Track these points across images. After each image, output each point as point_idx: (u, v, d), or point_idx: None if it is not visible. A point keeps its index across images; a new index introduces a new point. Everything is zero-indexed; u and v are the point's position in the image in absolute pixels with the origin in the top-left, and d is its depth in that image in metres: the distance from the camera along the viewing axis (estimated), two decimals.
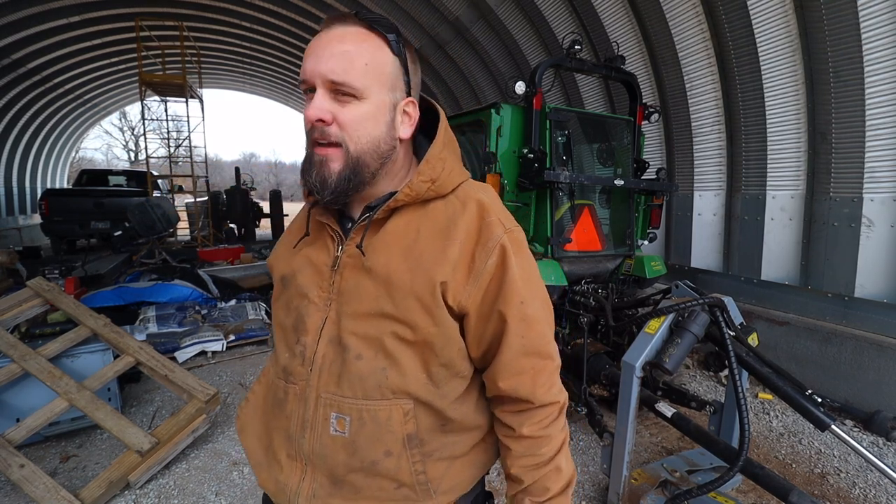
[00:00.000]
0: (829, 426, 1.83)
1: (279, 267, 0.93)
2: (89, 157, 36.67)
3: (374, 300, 0.77)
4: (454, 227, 0.78)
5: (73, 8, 10.18)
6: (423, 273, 0.76)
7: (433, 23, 8.22)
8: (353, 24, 0.73)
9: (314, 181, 0.75)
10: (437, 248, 0.77)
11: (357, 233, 0.80)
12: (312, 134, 0.74)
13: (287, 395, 0.85)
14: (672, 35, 4.80)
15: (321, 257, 0.85)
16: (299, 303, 0.85)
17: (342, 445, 0.79)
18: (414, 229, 0.79)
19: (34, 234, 13.08)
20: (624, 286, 3.58)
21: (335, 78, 0.71)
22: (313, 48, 0.73)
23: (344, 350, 0.79)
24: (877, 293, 3.59)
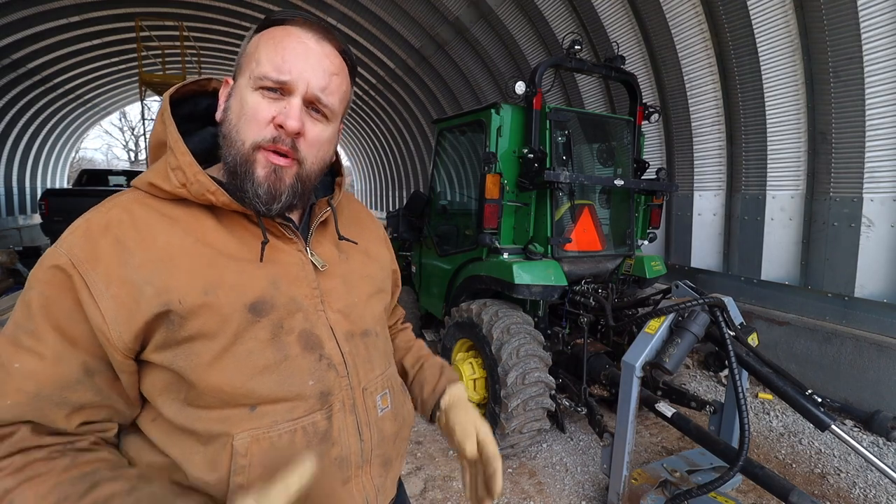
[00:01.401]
0: (829, 426, 1.83)
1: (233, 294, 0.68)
2: (89, 157, 36.71)
3: (366, 280, 0.88)
4: (359, 212, 0.98)
5: (72, 8, 10.18)
6: (377, 244, 0.97)
7: (433, 23, 8.23)
8: (334, 47, 0.74)
9: (257, 190, 0.69)
10: (367, 225, 0.98)
11: (321, 229, 0.84)
12: (269, 139, 0.69)
13: (331, 419, 0.74)
14: (672, 35, 4.80)
15: (290, 263, 0.75)
16: (294, 321, 0.72)
17: (390, 418, 0.85)
18: (348, 215, 0.93)
19: (34, 234, 13.08)
20: (624, 286, 3.58)
21: (322, 97, 0.71)
22: (299, 50, 0.69)
23: (365, 336, 0.83)
24: (877, 293, 3.60)
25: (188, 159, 0.68)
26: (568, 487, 2.70)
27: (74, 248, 0.63)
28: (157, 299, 0.63)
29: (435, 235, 4.04)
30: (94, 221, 0.65)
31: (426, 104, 10.70)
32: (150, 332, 0.64)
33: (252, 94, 0.69)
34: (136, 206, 0.68)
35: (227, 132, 0.71)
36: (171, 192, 0.69)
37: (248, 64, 0.71)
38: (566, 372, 3.11)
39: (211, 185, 0.68)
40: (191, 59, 13.21)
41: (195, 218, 0.70)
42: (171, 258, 0.65)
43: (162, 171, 0.69)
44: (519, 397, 2.65)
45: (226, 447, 0.66)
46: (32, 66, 11.57)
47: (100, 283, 0.61)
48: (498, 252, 3.21)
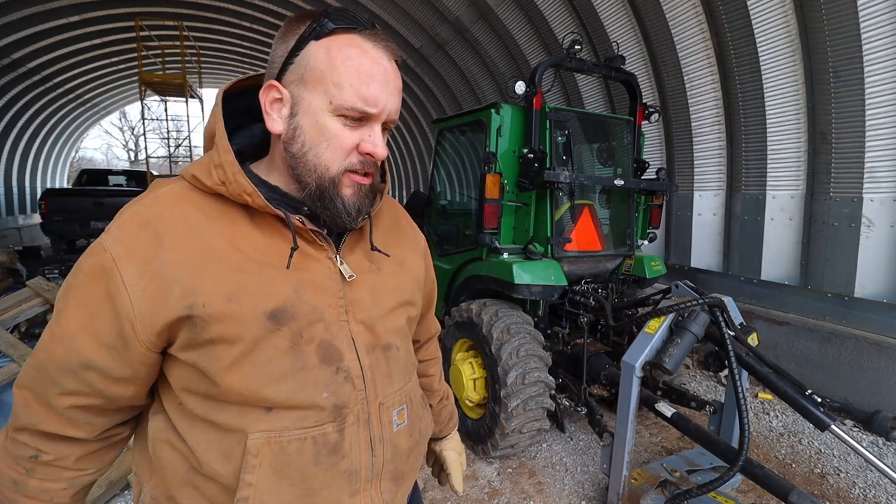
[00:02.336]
0: (829, 426, 1.83)
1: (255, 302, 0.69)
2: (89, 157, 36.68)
3: (394, 292, 0.85)
4: (399, 218, 0.96)
5: (72, 8, 10.18)
6: (412, 252, 0.94)
7: (433, 23, 8.22)
8: (395, 58, 0.73)
9: (348, 209, 0.73)
10: (405, 233, 0.95)
11: (355, 237, 0.82)
12: (356, 163, 0.72)
13: (343, 431, 0.74)
14: (672, 35, 4.80)
15: (317, 271, 0.75)
16: (314, 331, 0.72)
17: (406, 434, 0.84)
18: (387, 221, 0.91)
19: (34, 234, 13.08)
20: (624, 286, 3.58)
21: (395, 118, 0.74)
22: (379, 79, 0.69)
23: (387, 349, 0.82)
24: (877, 293, 3.59)
25: (230, 158, 0.70)
26: (568, 487, 2.70)
27: (116, 240, 0.66)
28: (182, 301, 0.65)
29: (435, 235, 4.04)
30: (138, 214, 0.68)
31: (426, 104, 10.70)
32: (175, 331, 0.67)
33: (332, 119, 0.69)
34: (178, 202, 0.70)
35: (302, 154, 0.71)
36: (211, 187, 0.71)
37: (322, 83, 0.68)
38: (566, 372, 3.10)
39: (248, 186, 0.69)
40: (191, 59, 13.21)
41: (230, 217, 0.71)
42: (202, 261, 0.67)
43: (206, 166, 0.72)
44: (519, 397, 2.65)
45: (240, 444, 0.68)
46: (32, 65, 11.57)
47: (133, 276, 0.65)
48: (498, 252, 3.21)
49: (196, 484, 0.70)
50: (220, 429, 0.69)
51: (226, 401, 0.69)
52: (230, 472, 0.68)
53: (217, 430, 0.69)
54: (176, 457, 0.71)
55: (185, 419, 0.71)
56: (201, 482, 0.70)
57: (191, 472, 0.71)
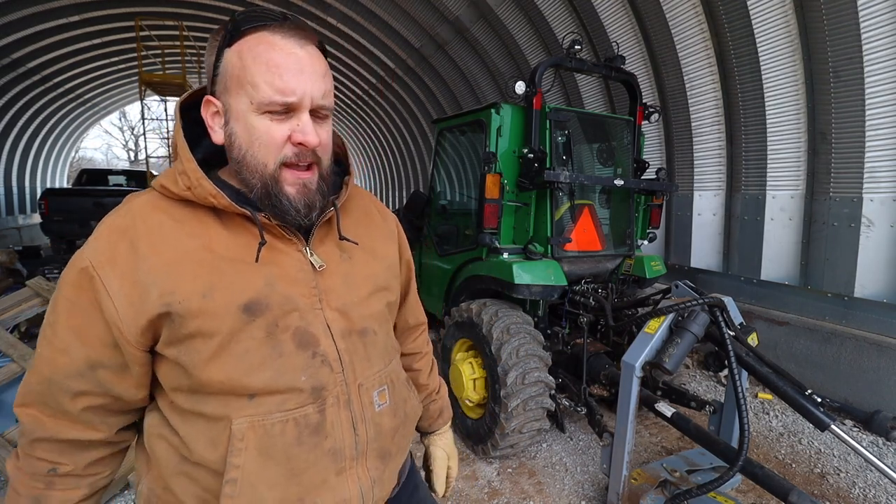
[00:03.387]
0: (829, 426, 1.83)
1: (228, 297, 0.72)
2: (89, 157, 36.69)
3: (367, 280, 0.88)
4: (368, 207, 0.99)
5: (72, 8, 10.18)
6: (384, 240, 0.97)
7: (433, 23, 8.22)
8: (313, 44, 0.75)
9: (296, 206, 0.75)
10: (375, 221, 0.98)
11: (324, 228, 0.85)
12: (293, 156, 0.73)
13: (324, 412, 0.77)
14: (672, 35, 4.80)
15: (288, 264, 0.78)
16: (289, 320, 0.76)
17: (389, 414, 0.88)
18: (356, 212, 0.94)
19: (34, 234, 13.07)
20: (624, 286, 3.58)
21: (324, 102, 0.74)
22: (293, 66, 0.70)
23: (363, 334, 0.85)
24: (877, 293, 3.60)
25: (192, 165, 0.73)
26: (568, 487, 2.70)
27: (96, 252, 0.70)
28: (160, 300, 0.69)
29: (435, 235, 4.04)
30: (114, 226, 0.73)
31: (426, 104, 10.70)
32: (157, 328, 0.71)
33: (258, 118, 0.71)
34: (150, 211, 0.74)
35: (241, 157, 0.74)
36: (178, 194, 0.74)
37: (240, 86, 0.71)
38: (566, 372, 3.10)
39: (212, 189, 0.72)
40: (191, 58, 13.21)
41: (200, 220, 0.75)
42: (177, 264, 0.71)
43: (172, 175, 0.75)
44: (519, 397, 2.65)
45: (226, 430, 0.72)
46: (32, 65, 11.56)
47: (115, 283, 0.69)
48: (498, 252, 3.21)
49: (188, 472, 0.74)
50: (207, 418, 0.73)
51: (209, 392, 0.73)
52: (218, 457, 0.72)
53: (205, 420, 0.73)
54: (168, 449, 0.76)
55: (175, 414, 0.75)
56: (192, 470, 0.74)
57: (182, 462, 0.75)
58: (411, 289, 1.12)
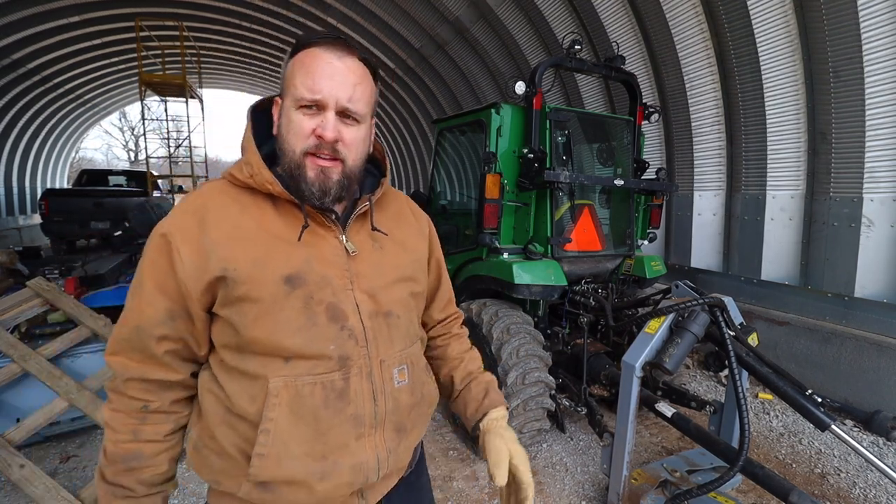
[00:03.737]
0: (829, 426, 1.83)
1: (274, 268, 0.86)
2: (89, 157, 36.67)
3: (394, 268, 0.98)
4: (403, 208, 1.10)
5: (72, 8, 10.18)
6: (414, 237, 1.07)
7: (433, 23, 8.22)
8: (354, 58, 0.88)
9: (311, 188, 0.87)
10: (408, 221, 1.09)
11: (360, 220, 0.97)
12: (313, 147, 0.86)
13: (348, 381, 0.88)
14: (672, 35, 4.80)
15: (325, 247, 0.91)
16: (323, 294, 0.88)
17: (407, 391, 0.97)
18: (390, 210, 1.06)
19: (34, 234, 13.07)
20: (624, 286, 3.58)
21: (350, 106, 0.86)
22: (325, 71, 0.85)
23: (388, 316, 0.95)
24: (877, 293, 3.59)
25: (256, 158, 0.88)
26: (568, 487, 2.70)
27: (173, 224, 0.86)
28: (218, 265, 0.83)
29: None
30: (189, 204, 0.89)
31: (426, 104, 10.70)
32: (215, 290, 0.85)
33: (295, 112, 0.86)
34: (218, 194, 0.90)
35: (280, 144, 0.90)
36: (242, 181, 0.89)
37: (288, 88, 0.87)
38: (566, 372, 3.10)
39: (270, 177, 0.87)
40: (191, 59, 13.21)
41: (258, 205, 0.90)
42: (235, 237, 0.86)
43: (239, 165, 0.91)
44: (519, 397, 2.65)
45: (263, 388, 0.84)
46: (32, 66, 11.56)
47: (185, 249, 0.84)
48: (498, 252, 3.21)
49: (230, 423, 0.87)
50: (248, 376, 0.86)
51: (253, 352, 0.86)
52: (255, 411, 0.84)
53: (247, 378, 0.86)
54: (215, 402, 0.88)
55: (223, 371, 0.89)
56: (234, 421, 0.86)
57: (226, 413, 0.87)
58: (441, 285, 1.20)
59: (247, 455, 0.85)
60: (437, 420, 3.42)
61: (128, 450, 0.88)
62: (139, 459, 0.88)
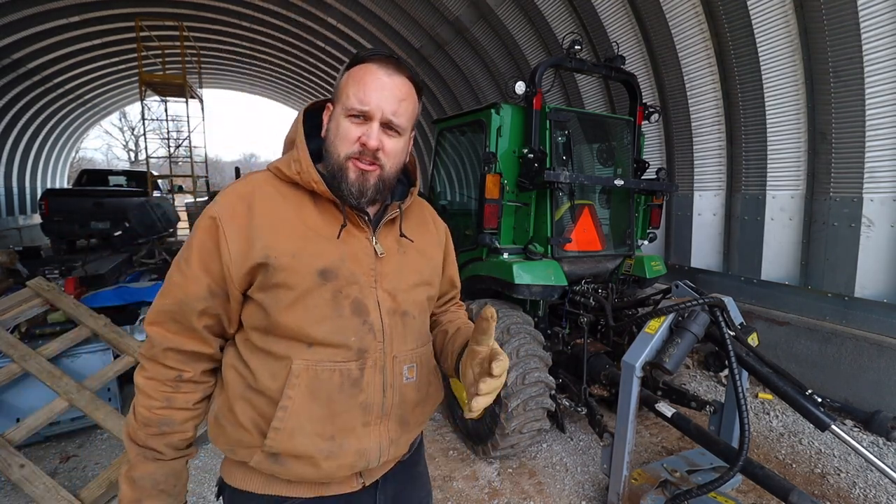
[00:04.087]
0: (829, 426, 1.83)
1: (310, 261, 0.93)
2: (89, 157, 36.68)
3: (415, 273, 1.06)
4: (426, 216, 1.18)
5: (72, 8, 10.18)
6: (433, 246, 1.15)
7: (433, 23, 8.22)
8: (403, 77, 0.95)
9: (350, 188, 0.94)
10: (429, 229, 1.17)
11: (389, 225, 1.04)
12: (357, 153, 0.93)
13: (363, 370, 0.95)
14: (672, 35, 4.80)
15: (357, 247, 0.98)
16: (351, 290, 0.95)
17: (414, 388, 1.04)
18: (415, 218, 1.12)
19: (34, 234, 13.07)
20: (624, 286, 3.58)
21: (394, 119, 0.93)
22: (375, 85, 0.92)
23: (404, 316, 1.02)
24: (877, 293, 3.59)
25: (306, 156, 0.95)
26: (568, 487, 2.70)
27: (223, 208, 0.92)
28: (261, 252, 0.90)
29: None
30: (238, 191, 0.95)
31: (426, 104, 10.70)
32: (255, 274, 0.91)
33: (344, 119, 0.93)
34: (265, 185, 0.96)
35: (328, 146, 0.97)
36: (289, 176, 0.96)
37: (341, 97, 0.95)
38: (566, 372, 3.10)
39: (316, 176, 0.94)
40: (191, 59, 13.21)
41: (300, 199, 0.97)
42: (278, 227, 0.92)
43: (287, 161, 0.97)
44: (519, 397, 2.65)
45: (286, 368, 0.92)
46: (32, 66, 11.56)
47: (233, 233, 0.90)
48: (498, 252, 3.21)
49: (249, 398, 0.94)
50: (273, 356, 0.93)
51: (279, 335, 0.92)
52: (277, 387, 0.92)
53: (272, 357, 0.93)
54: (237, 378, 0.96)
55: (248, 349, 0.96)
56: (253, 396, 0.93)
57: (246, 389, 0.94)
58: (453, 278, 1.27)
59: (260, 429, 0.92)
60: (437, 420, 3.42)
61: (161, 415, 0.94)
62: (171, 425, 0.95)
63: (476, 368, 0.87)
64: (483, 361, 0.85)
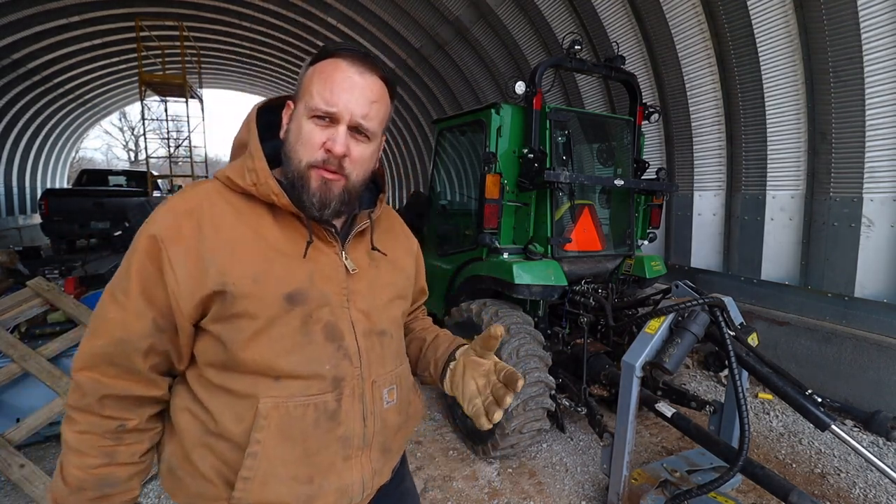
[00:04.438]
0: (829, 426, 1.83)
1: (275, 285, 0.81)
2: (89, 157, 36.66)
3: (389, 287, 0.97)
4: (394, 225, 1.09)
5: (73, 8, 10.18)
6: (405, 255, 1.07)
7: (433, 23, 8.22)
8: (376, 76, 0.86)
9: (312, 199, 0.83)
10: (399, 238, 1.08)
11: (358, 237, 0.95)
12: (320, 159, 0.82)
13: (340, 401, 0.85)
14: (672, 35, 4.80)
15: (325, 263, 0.87)
16: (322, 313, 0.84)
17: (395, 411, 0.96)
18: (385, 228, 1.03)
19: (34, 234, 13.07)
20: (624, 286, 3.58)
21: (364, 123, 0.83)
22: (344, 84, 0.82)
23: (382, 335, 0.93)
24: (877, 293, 3.59)
25: (263, 165, 0.83)
26: (568, 487, 2.70)
27: (164, 227, 0.78)
28: (217, 279, 0.77)
29: (435, 235, 4.04)
30: (182, 206, 0.81)
31: (426, 104, 10.70)
32: (209, 304, 0.79)
33: (307, 121, 0.82)
34: (215, 197, 0.83)
35: (287, 151, 0.85)
36: (243, 188, 0.84)
37: (304, 94, 0.83)
38: (566, 372, 3.10)
39: (276, 188, 0.82)
40: (191, 59, 13.21)
41: (257, 213, 0.85)
42: (234, 247, 0.80)
43: (240, 169, 0.85)
44: (519, 397, 2.65)
45: (252, 407, 0.80)
46: (32, 65, 11.56)
47: (180, 257, 0.77)
48: (498, 252, 3.21)
49: (209, 444, 0.81)
50: (235, 395, 0.81)
51: (241, 371, 0.80)
52: (242, 430, 0.80)
53: (232, 396, 0.81)
54: (192, 422, 0.83)
55: (203, 388, 0.83)
56: (214, 442, 0.81)
57: (205, 434, 0.82)
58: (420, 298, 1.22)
59: (225, 478, 0.81)
60: (436, 420, 3.42)
61: (101, 475, 0.80)
62: (114, 485, 0.81)
63: (480, 380, 0.93)
64: (489, 373, 0.92)
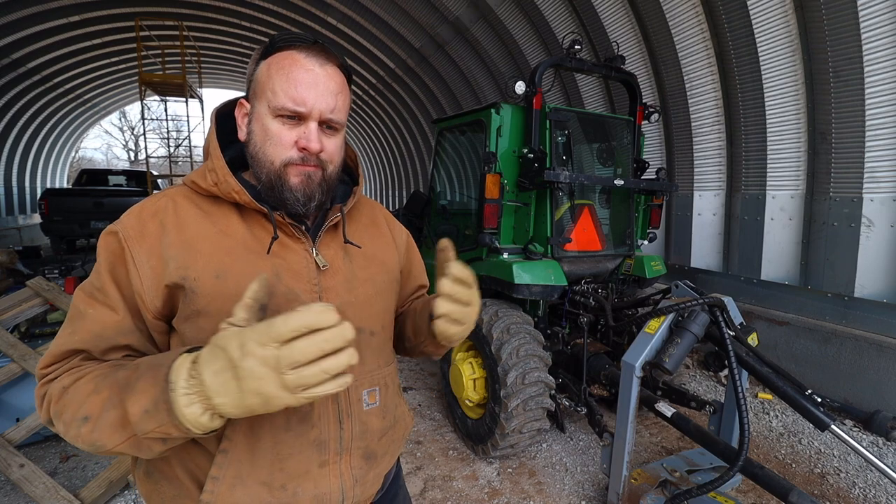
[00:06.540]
0: (829, 426, 1.83)
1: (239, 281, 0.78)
2: (89, 157, 36.65)
3: (367, 283, 0.93)
4: (377, 218, 1.06)
5: (72, 8, 10.17)
6: (387, 249, 1.02)
7: (433, 23, 8.22)
8: (334, 65, 0.83)
9: (296, 195, 0.82)
10: (381, 231, 1.04)
11: (331, 232, 0.92)
12: (296, 157, 0.81)
13: (312, 403, 0.81)
14: (672, 35, 4.80)
15: (294, 260, 0.84)
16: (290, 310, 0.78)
17: (377, 415, 0.92)
18: (363, 220, 1.00)
19: (34, 234, 13.08)
20: (624, 286, 3.58)
21: (333, 117, 0.82)
22: (308, 80, 0.79)
23: (359, 333, 0.86)
24: (877, 293, 3.60)
25: (221, 163, 0.82)
26: (568, 487, 2.70)
27: (127, 227, 0.78)
28: (176, 273, 0.76)
29: (435, 235, 4.04)
30: (148, 208, 0.82)
31: (426, 104, 10.70)
32: (174, 300, 0.78)
33: (272, 121, 0.81)
34: (180, 198, 0.83)
35: (255, 153, 0.83)
36: (206, 189, 0.83)
37: (264, 92, 0.81)
38: (566, 372, 3.10)
39: (236, 185, 0.81)
40: (191, 59, 13.21)
41: (223, 213, 0.84)
42: (196, 243, 0.79)
43: (202, 172, 0.85)
44: (519, 397, 2.65)
45: None
46: (32, 65, 11.56)
47: (143, 256, 0.77)
48: (498, 252, 3.21)
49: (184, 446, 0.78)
50: None
51: None
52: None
53: None
54: None
55: None
56: (188, 444, 0.78)
57: None
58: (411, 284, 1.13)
59: (196, 479, 0.79)
60: (436, 420, 3.42)
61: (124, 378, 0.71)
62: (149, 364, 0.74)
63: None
64: None
